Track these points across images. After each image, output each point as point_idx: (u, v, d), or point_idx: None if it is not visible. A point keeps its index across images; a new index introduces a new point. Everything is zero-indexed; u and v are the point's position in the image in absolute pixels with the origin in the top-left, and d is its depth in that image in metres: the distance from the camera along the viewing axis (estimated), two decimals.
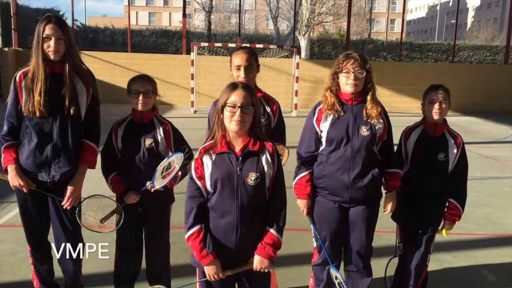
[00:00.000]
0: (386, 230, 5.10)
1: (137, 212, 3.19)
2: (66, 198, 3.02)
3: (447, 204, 3.37)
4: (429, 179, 3.29)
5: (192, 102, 16.79)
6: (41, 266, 3.28)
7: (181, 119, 14.20)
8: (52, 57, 2.93)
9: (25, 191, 2.99)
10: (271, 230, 2.44)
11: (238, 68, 3.16)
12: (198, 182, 2.43)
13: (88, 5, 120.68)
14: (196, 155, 2.47)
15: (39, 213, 3.12)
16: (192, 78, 16.73)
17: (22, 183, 2.96)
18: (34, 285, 3.38)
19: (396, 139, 3.32)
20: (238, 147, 2.43)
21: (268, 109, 3.21)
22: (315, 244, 3.32)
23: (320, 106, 3.16)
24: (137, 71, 17.67)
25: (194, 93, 16.79)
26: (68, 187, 3.03)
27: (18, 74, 2.99)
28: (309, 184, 3.18)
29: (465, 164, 3.35)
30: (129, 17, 21.40)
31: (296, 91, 16.78)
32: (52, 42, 2.89)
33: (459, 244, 4.86)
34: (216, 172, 2.39)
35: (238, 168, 2.38)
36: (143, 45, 27.13)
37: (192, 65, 16.65)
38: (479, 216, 5.93)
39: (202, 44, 17.95)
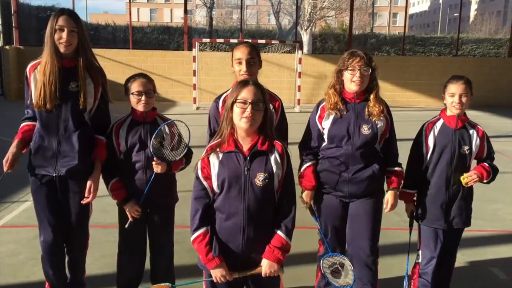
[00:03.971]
0: (392, 227, 5.02)
1: (143, 214, 3.10)
2: (87, 193, 3.01)
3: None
4: (453, 173, 3.19)
5: (194, 99, 16.71)
6: (50, 270, 3.17)
7: (183, 115, 14.12)
8: (63, 49, 2.88)
9: (4, 168, 2.92)
10: (279, 233, 2.36)
11: (240, 62, 3.05)
12: (204, 182, 2.36)
13: (90, 2, 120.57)
14: (203, 153, 2.39)
15: (51, 209, 3.07)
16: (194, 75, 16.66)
17: (7, 158, 2.91)
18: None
19: (402, 133, 3.24)
20: (246, 146, 2.35)
21: (270, 106, 3.12)
22: (319, 235, 3.31)
23: (323, 104, 3.16)
24: (139, 68, 17.71)
25: (196, 89, 16.71)
26: (88, 182, 3.01)
27: (28, 67, 2.99)
28: (314, 174, 3.16)
29: (493, 151, 3.31)
30: (130, 14, 21.26)
31: (299, 87, 16.69)
32: (64, 34, 2.85)
33: (467, 241, 4.74)
34: (223, 172, 2.31)
35: (245, 168, 2.31)
36: (144, 42, 26.98)
37: (194, 61, 16.57)
38: (487, 212, 5.85)
39: (204, 40, 17.85)
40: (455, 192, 3.22)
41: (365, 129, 3.03)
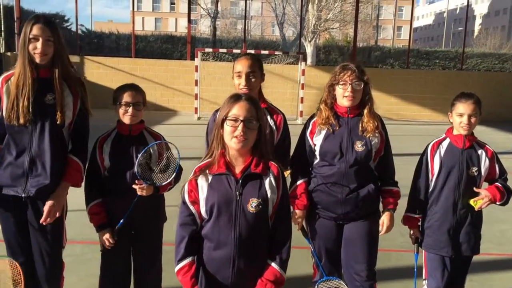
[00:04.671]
0: (395, 249, 4.80)
1: (126, 235, 2.89)
2: (45, 213, 2.71)
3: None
4: (460, 196, 2.98)
5: (196, 109, 16.55)
6: None
7: (184, 125, 13.94)
8: (38, 60, 2.66)
9: None
10: (273, 264, 2.15)
11: (239, 75, 2.89)
12: (191, 207, 2.14)
13: (96, 10, 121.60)
14: (191, 175, 2.19)
15: (21, 232, 2.82)
16: (196, 84, 16.52)
17: None
18: None
19: (406, 148, 3.04)
20: (238, 168, 2.14)
21: (271, 121, 2.94)
22: (313, 259, 3.11)
23: (315, 119, 3.00)
24: (141, 77, 17.52)
25: (198, 99, 16.57)
26: (47, 202, 2.72)
27: (0, 79, 2.74)
28: (306, 193, 2.98)
29: (506, 172, 3.11)
30: (133, 22, 21.20)
31: (302, 98, 16.52)
32: (39, 44, 2.63)
33: (473, 266, 4.48)
34: (212, 197, 2.09)
35: (237, 192, 2.09)
36: (147, 51, 26.96)
37: (196, 71, 16.44)
38: (494, 233, 5.59)
39: (206, 50, 17.77)
40: (463, 216, 3.01)
41: (359, 146, 2.87)
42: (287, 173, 2.90)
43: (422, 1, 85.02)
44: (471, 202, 2.98)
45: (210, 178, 2.13)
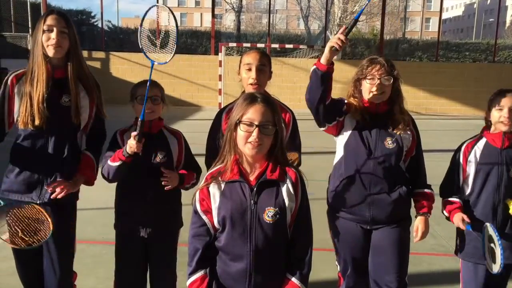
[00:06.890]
0: (426, 252, 4.57)
1: (139, 241, 2.76)
2: (57, 187, 2.56)
3: None
4: (501, 201, 2.73)
5: (220, 104, 16.42)
6: None
7: (208, 121, 13.81)
8: (52, 52, 2.49)
9: None
10: (293, 279, 1.97)
11: (249, 68, 2.73)
12: (204, 217, 1.98)
13: (123, 7, 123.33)
14: (201, 182, 2.03)
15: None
16: (220, 79, 16.41)
17: None
18: None
19: (437, 143, 2.80)
20: (253, 175, 1.97)
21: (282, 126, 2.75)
22: (338, 267, 2.90)
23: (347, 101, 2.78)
24: (165, 72, 17.45)
25: (222, 94, 16.43)
26: (64, 183, 2.57)
27: (11, 77, 2.55)
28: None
29: None
30: (157, 18, 21.22)
31: None
32: (53, 34, 2.47)
33: None
34: (225, 206, 1.93)
35: (252, 201, 1.92)
36: None
37: (220, 66, 16.32)
38: None
39: (230, 44, 17.63)
40: (504, 222, 2.77)
41: (389, 143, 2.66)
42: (295, 156, 2.67)
43: None
44: (508, 203, 2.74)
45: (222, 185, 1.97)
